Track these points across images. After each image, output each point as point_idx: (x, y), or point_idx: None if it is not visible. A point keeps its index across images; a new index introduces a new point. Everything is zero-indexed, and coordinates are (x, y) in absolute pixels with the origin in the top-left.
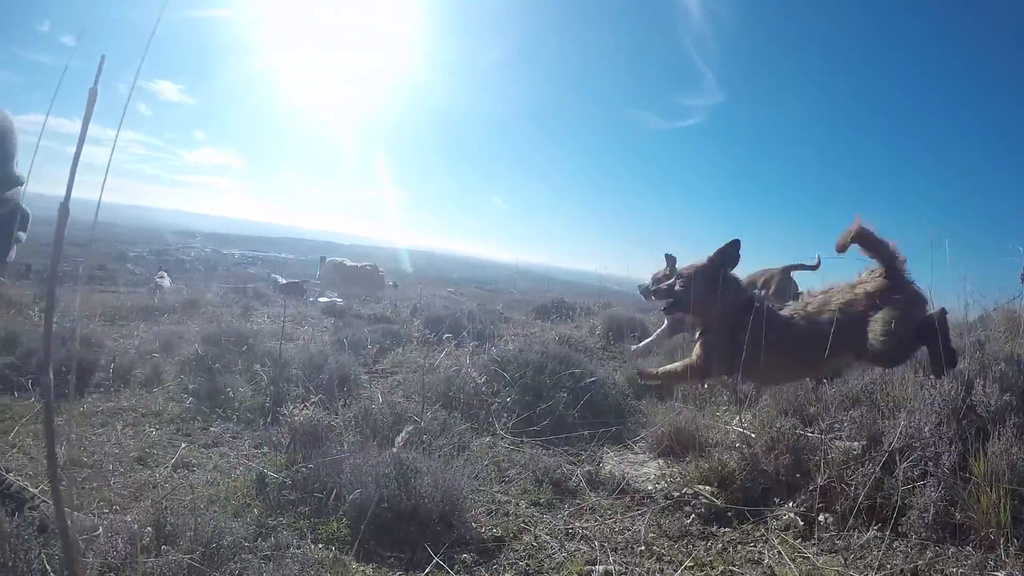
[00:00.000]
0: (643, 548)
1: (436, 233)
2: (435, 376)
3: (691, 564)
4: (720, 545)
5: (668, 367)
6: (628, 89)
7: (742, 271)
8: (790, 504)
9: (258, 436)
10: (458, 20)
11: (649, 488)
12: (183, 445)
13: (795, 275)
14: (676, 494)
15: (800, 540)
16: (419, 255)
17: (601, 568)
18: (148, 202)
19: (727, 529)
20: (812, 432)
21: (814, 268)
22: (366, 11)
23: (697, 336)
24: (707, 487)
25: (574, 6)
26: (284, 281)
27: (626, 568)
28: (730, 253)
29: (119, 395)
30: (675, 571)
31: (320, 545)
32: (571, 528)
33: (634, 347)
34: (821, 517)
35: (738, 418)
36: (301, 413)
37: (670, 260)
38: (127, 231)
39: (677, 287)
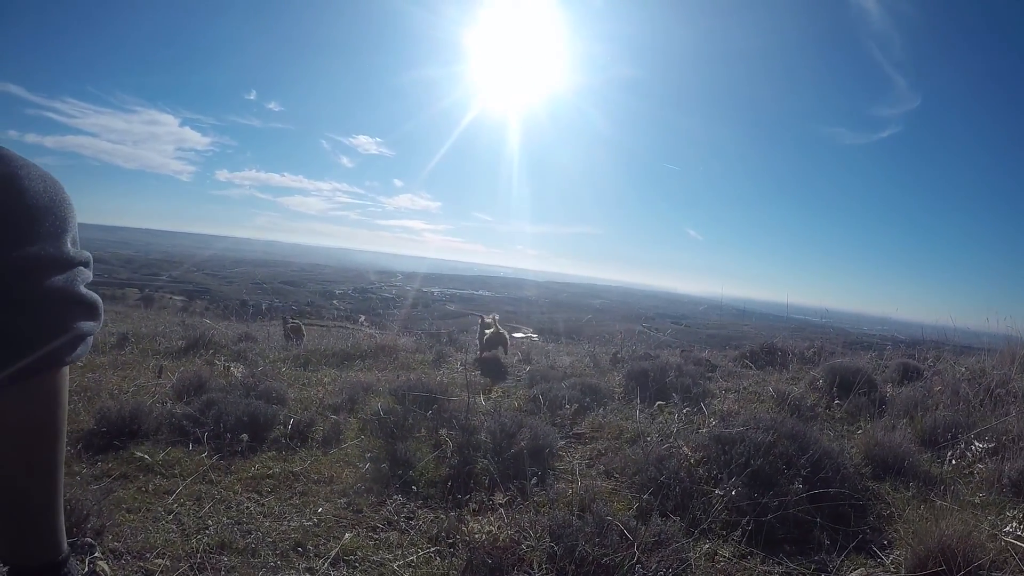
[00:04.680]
0: None
1: (630, 267)
2: (642, 449)
3: None
4: None
5: None
6: (814, 105)
7: None
8: None
9: (435, 524)
10: (640, 60)
11: None
12: (347, 535)
13: None
14: None
15: None
16: (614, 290)
17: None
18: (352, 245)
19: None
20: None
21: None
22: (550, 59)
23: None
24: None
25: (747, 27)
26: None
27: None
28: None
29: (294, 456)
30: None
31: None
32: None
33: None
34: None
35: (1014, 523)
36: (483, 529)
37: None
38: (333, 271)
39: None
